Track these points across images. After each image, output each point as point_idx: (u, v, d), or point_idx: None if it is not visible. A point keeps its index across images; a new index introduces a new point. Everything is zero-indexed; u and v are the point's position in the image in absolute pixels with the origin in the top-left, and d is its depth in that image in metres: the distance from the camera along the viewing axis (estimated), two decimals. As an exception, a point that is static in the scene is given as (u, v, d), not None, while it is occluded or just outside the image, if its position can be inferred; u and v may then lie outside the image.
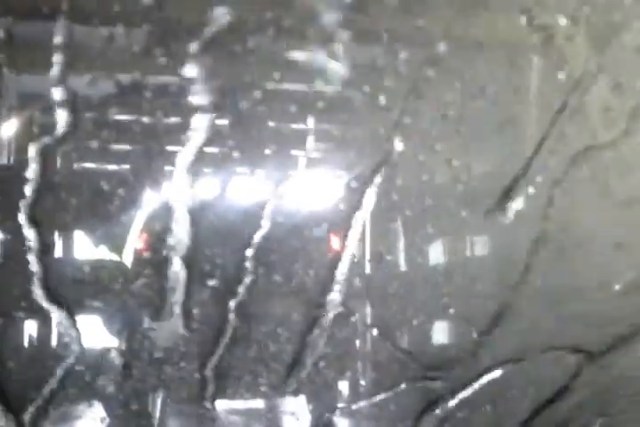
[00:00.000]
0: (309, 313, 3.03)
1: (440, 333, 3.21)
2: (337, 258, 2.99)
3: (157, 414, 3.13)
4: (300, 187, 3.09)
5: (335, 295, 3.16)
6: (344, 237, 3.05)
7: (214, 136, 3.02)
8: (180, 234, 2.96)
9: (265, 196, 3.00)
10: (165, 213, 3.02)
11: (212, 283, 2.99)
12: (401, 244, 3.11)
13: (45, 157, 3.35)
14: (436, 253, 3.20)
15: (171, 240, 2.95)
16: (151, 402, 3.12)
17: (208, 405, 3.02)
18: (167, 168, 3.07)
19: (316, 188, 3.16)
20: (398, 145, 3.02)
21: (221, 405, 3.11)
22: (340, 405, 3.15)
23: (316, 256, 3.07)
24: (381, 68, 2.95)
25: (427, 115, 3.02)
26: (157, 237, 3.01)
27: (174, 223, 2.96)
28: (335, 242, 3.09)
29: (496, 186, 3.04)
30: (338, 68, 2.83)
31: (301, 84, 2.96)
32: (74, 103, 2.95)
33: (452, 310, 3.10)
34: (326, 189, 3.17)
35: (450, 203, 3.12)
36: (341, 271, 3.06)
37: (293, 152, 3.23)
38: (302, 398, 3.15)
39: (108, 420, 3.06)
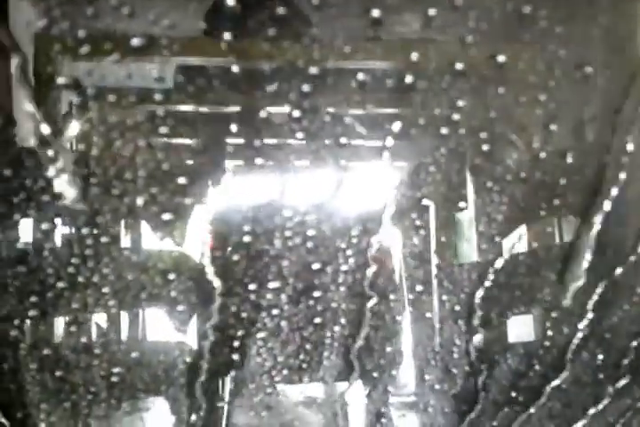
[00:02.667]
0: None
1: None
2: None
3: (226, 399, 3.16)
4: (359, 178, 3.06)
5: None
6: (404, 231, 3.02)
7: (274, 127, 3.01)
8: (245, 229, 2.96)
9: (324, 188, 2.97)
10: (230, 210, 3.03)
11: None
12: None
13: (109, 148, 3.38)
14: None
15: (235, 237, 2.96)
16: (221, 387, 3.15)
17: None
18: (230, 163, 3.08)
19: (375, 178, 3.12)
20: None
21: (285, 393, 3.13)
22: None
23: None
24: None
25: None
26: (223, 234, 3.02)
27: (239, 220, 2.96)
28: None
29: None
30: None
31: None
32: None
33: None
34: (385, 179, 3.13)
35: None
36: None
37: (354, 142, 3.19)
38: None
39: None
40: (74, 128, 3.26)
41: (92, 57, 2.45)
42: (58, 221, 2.81)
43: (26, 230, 2.84)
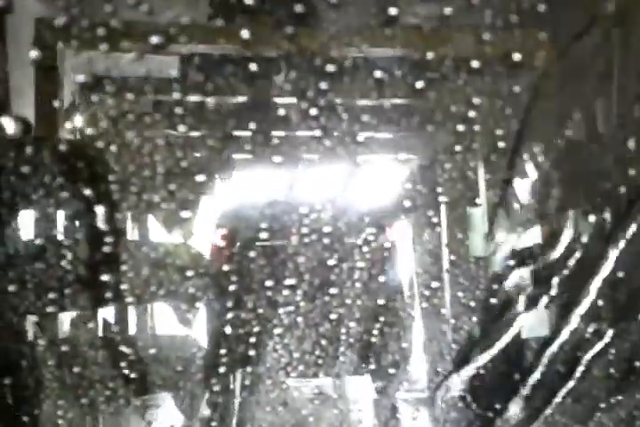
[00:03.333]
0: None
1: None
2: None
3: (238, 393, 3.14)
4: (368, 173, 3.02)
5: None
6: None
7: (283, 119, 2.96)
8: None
9: (334, 183, 2.94)
10: (239, 207, 2.98)
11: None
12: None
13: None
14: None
15: (246, 233, 2.92)
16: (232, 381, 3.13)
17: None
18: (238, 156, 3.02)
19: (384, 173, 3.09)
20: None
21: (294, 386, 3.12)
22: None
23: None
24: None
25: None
26: (234, 232, 2.98)
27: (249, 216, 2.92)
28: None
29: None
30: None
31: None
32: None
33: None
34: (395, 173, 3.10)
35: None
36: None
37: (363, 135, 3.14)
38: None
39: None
40: (78, 119, 3.21)
41: (102, 49, 2.39)
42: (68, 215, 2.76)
43: (34, 227, 2.79)
